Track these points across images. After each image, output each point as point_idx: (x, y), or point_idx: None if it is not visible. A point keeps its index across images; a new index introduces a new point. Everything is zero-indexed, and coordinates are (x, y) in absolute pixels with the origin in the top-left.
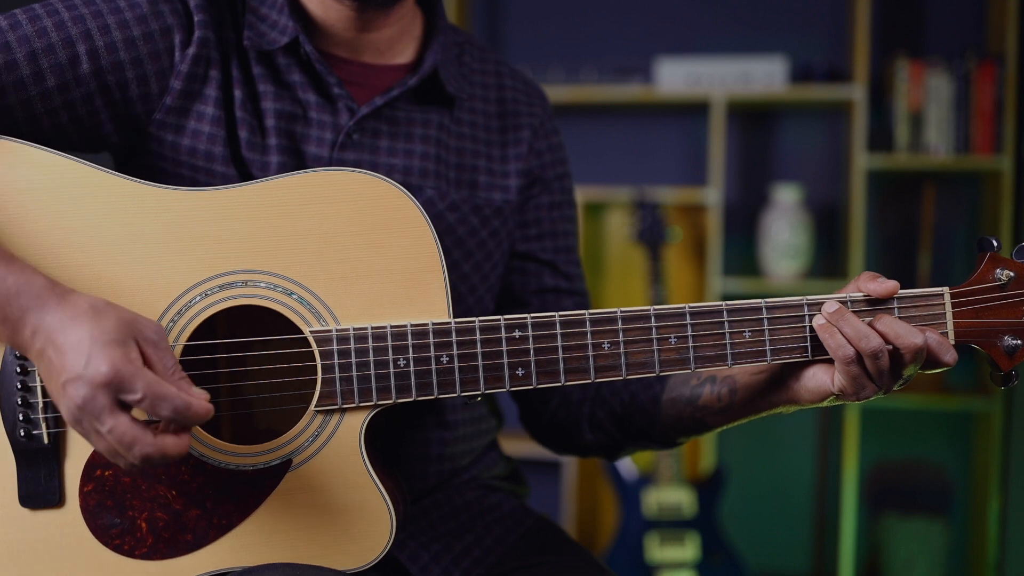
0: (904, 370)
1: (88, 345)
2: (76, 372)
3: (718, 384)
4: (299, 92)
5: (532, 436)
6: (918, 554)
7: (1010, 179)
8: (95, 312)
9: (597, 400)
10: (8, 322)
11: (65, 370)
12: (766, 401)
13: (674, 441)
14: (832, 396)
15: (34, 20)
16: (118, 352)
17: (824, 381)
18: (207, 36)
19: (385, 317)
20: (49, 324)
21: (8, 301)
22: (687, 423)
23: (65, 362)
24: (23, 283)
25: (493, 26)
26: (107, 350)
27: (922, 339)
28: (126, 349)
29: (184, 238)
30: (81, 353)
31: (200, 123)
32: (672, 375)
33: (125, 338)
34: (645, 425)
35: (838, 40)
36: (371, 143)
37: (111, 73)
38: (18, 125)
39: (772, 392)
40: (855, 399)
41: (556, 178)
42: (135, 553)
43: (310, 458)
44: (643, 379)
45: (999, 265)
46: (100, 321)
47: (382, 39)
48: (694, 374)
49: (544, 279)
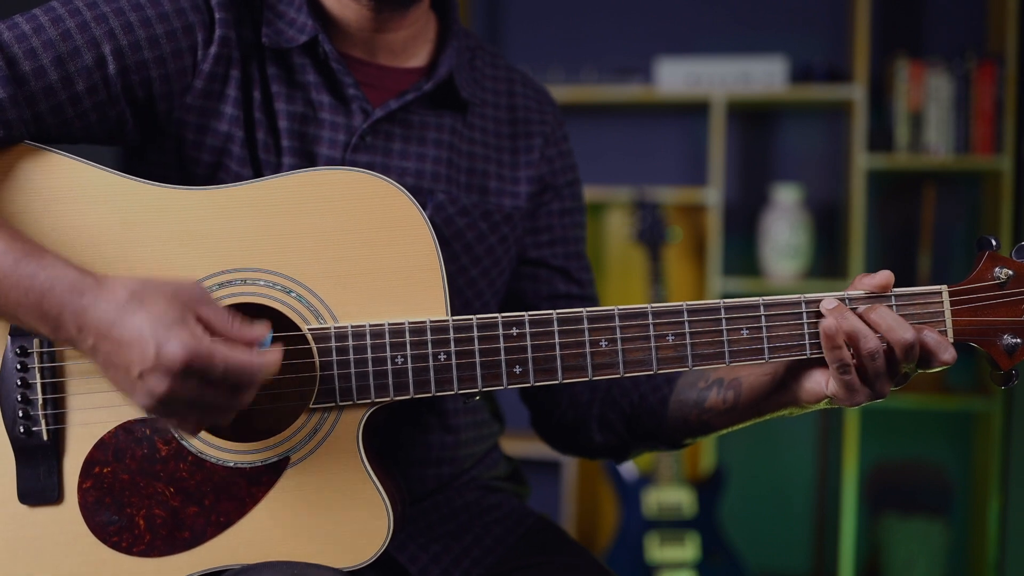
0: (898, 368)
1: (151, 332)
2: (150, 361)
3: (724, 387)
4: (313, 93)
5: (543, 438)
6: (918, 554)
7: (1010, 179)
8: (139, 296)
9: (607, 401)
10: (47, 318)
11: (134, 363)
12: (770, 403)
13: (681, 443)
14: (826, 399)
15: (56, 22)
16: (184, 331)
17: (820, 383)
18: (228, 35)
19: (383, 315)
20: (95, 318)
21: (43, 297)
22: (693, 425)
23: (131, 356)
24: (55, 277)
25: (493, 26)
26: (173, 332)
27: (912, 335)
28: (189, 324)
29: (184, 236)
30: (146, 344)
31: (219, 122)
32: (680, 379)
33: (182, 313)
34: (653, 426)
35: (838, 40)
36: (384, 146)
37: (136, 72)
38: (49, 131)
39: (776, 393)
40: (848, 404)
41: (567, 184)
42: (133, 550)
43: (308, 456)
44: (652, 381)
45: (998, 264)
46: (150, 304)
47: (397, 40)
48: (701, 377)
49: (556, 285)
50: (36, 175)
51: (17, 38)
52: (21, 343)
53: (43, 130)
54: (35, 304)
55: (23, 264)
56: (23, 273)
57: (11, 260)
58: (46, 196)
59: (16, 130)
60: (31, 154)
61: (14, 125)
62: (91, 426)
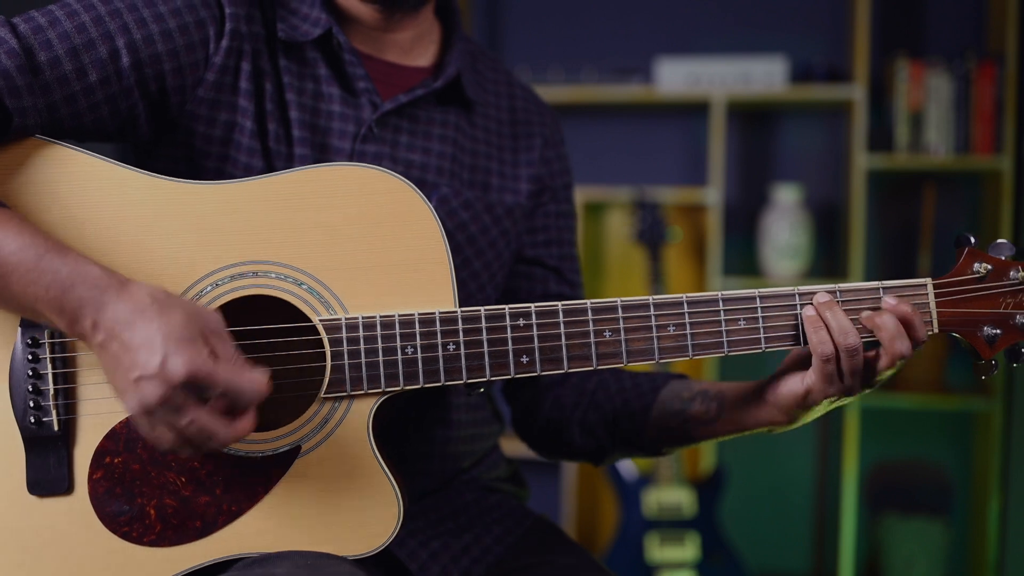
0: (877, 368)
1: (161, 343)
2: (151, 370)
3: (709, 399)
4: (323, 85)
5: (522, 437)
6: (918, 554)
7: (1010, 179)
8: (159, 306)
9: (591, 405)
10: (65, 313)
11: (136, 367)
12: (749, 415)
13: (659, 450)
14: (799, 398)
15: (72, 16)
16: (193, 350)
17: (794, 382)
18: (238, 28)
19: (392, 307)
20: (111, 317)
21: (64, 292)
22: (675, 433)
23: (136, 359)
24: (77, 273)
25: (493, 26)
26: (182, 348)
27: (909, 349)
28: (198, 346)
29: (195, 230)
30: (154, 351)
31: (231, 115)
32: (665, 389)
33: (195, 334)
34: (633, 432)
35: (838, 40)
36: (392, 138)
37: (149, 66)
38: (62, 122)
39: (754, 404)
40: (820, 397)
41: (563, 187)
42: (144, 540)
43: (318, 445)
44: (638, 388)
45: (977, 259)
46: (168, 316)
47: (405, 40)
48: (686, 388)
49: (549, 285)
50: (48, 168)
51: (33, 30)
52: (32, 334)
53: (56, 121)
54: (56, 298)
55: (46, 259)
56: (46, 268)
57: (34, 254)
58: (57, 189)
59: (31, 118)
60: (43, 148)
61: (29, 113)
62: (102, 416)
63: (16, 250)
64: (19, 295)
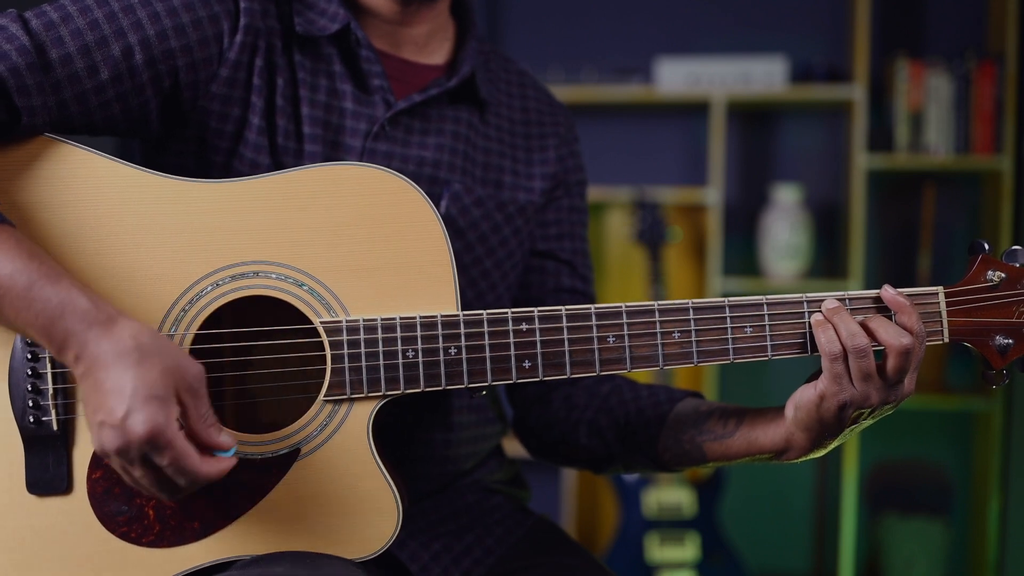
0: (887, 370)
1: (129, 395)
2: (115, 420)
3: (726, 415)
4: (337, 82)
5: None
6: (918, 554)
7: (1010, 179)
8: (140, 353)
9: (604, 408)
10: (53, 341)
11: (102, 410)
12: (765, 433)
13: (670, 464)
14: (814, 403)
15: (84, 12)
16: (159, 411)
17: (808, 389)
18: (253, 24)
19: (394, 309)
20: (93, 354)
21: (52, 322)
22: (686, 446)
23: (104, 402)
24: (67, 304)
25: (493, 26)
26: (148, 407)
27: (910, 340)
28: (167, 408)
29: (197, 229)
30: (122, 401)
31: (242, 109)
32: (682, 403)
33: (167, 393)
34: (646, 440)
35: (838, 40)
36: (403, 136)
37: (162, 62)
38: (72, 119)
39: (771, 420)
40: (834, 402)
41: (576, 183)
42: (142, 540)
43: (318, 447)
44: (654, 397)
45: (990, 267)
46: (145, 367)
47: (421, 34)
48: (704, 403)
49: (562, 279)
50: (53, 166)
51: (45, 26)
52: None
53: (66, 119)
54: (44, 327)
55: (38, 286)
56: (36, 296)
57: (26, 281)
58: (62, 187)
59: (40, 117)
60: (49, 145)
61: (38, 112)
62: None
63: (9, 274)
64: (11, 319)
